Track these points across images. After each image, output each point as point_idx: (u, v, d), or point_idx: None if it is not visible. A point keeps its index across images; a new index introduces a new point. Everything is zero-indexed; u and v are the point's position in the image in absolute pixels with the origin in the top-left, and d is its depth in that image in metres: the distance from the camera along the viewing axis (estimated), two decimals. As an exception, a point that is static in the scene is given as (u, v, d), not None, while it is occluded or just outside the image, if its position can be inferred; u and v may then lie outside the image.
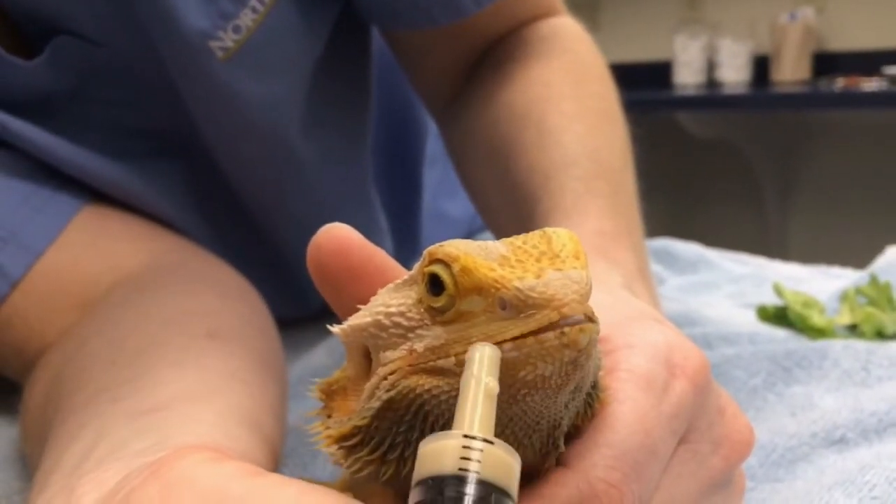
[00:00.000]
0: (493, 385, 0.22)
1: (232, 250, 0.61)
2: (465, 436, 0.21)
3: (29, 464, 0.49)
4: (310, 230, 0.70)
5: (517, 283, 0.23)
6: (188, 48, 0.52)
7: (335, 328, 0.28)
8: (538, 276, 0.23)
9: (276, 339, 0.53)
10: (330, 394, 0.29)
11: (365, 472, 0.26)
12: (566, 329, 0.23)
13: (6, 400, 0.56)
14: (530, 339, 0.23)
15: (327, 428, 0.28)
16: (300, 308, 0.73)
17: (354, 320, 0.27)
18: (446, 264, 0.24)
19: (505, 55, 0.63)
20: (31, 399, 0.48)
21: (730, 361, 0.59)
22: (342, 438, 0.27)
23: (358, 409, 0.27)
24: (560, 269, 0.24)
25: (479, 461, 0.20)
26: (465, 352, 0.24)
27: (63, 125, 0.53)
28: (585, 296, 0.24)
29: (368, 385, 0.26)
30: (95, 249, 0.53)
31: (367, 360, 0.28)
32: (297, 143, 0.62)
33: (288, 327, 0.58)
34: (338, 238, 0.28)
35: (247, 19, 0.53)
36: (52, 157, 0.52)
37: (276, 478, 0.24)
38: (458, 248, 0.25)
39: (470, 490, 0.20)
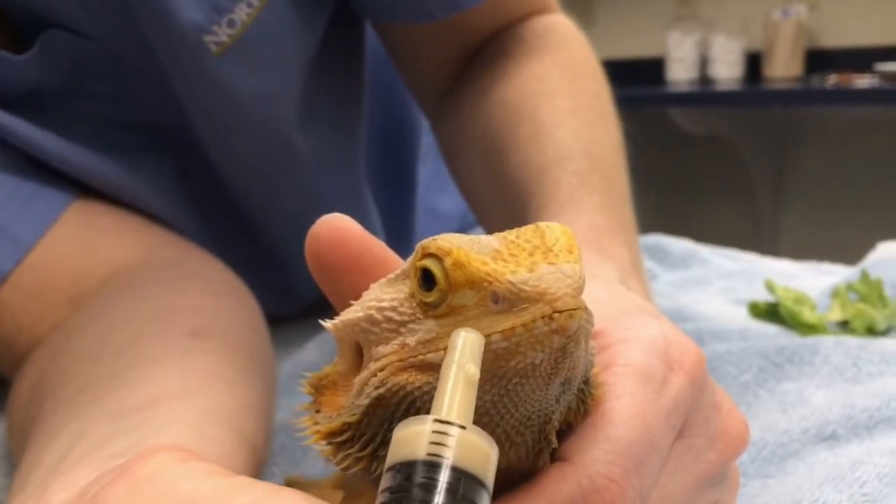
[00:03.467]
0: (474, 371, 0.22)
1: (222, 246, 0.61)
2: (438, 420, 0.20)
3: (14, 461, 0.49)
4: (301, 226, 0.69)
5: (510, 277, 0.23)
6: (182, 42, 0.52)
7: (327, 323, 0.28)
8: (531, 271, 0.23)
9: (265, 337, 0.53)
10: (320, 388, 0.28)
11: (355, 469, 0.26)
12: (555, 315, 0.23)
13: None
14: (519, 328, 0.23)
15: (316, 423, 0.27)
16: (291, 304, 0.73)
17: (346, 315, 0.27)
18: (438, 258, 0.24)
19: (499, 51, 0.63)
20: (18, 396, 0.48)
21: (721, 357, 0.59)
22: (331, 434, 0.26)
23: (347, 405, 0.26)
24: (553, 264, 0.24)
25: (450, 447, 0.19)
26: None
27: (53, 119, 0.53)
28: (578, 290, 0.23)
29: (358, 380, 0.26)
30: (86, 244, 0.52)
31: (358, 355, 0.27)
32: (290, 138, 0.62)
33: (279, 323, 0.58)
34: (337, 228, 0.28)
35: (241, 13, 0.53)
36: (40, 152, 0.52)
37: (241, 479, 0.24)
38: (450, 242, 0.24)
39: (441, 476, 0.19)
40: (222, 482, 0.23)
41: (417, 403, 0.24)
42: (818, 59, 2.67)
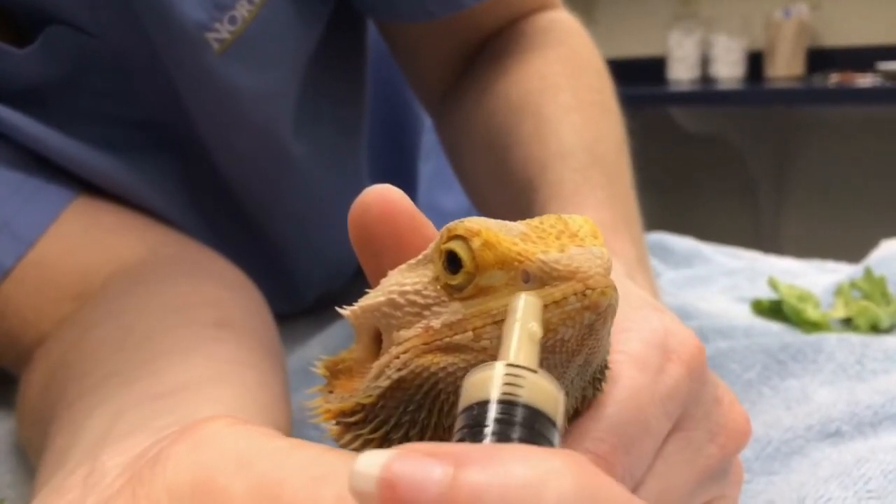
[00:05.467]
0: (537, 329, 0.22)
1: (225, 244, 0.61)
2: (510, 364, 0.20)
3: (27, 449, 0.49)
4: (304, 224, 0.69)
5: (541, 256, 0.23)
6: (184, 39, 0.52)
7: (345, 310, 0.27)
8: (561, 251, 0.23)
9: (276, 331, 0.53)
10: (335, 372, 0.28)
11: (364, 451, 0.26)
12: (587, 291, 0.23)
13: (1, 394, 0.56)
14: (552, 306, 0.23)
15: (327, 402, 0.27)
16: (293, 303, 0.73)
17: (365, 301, 0.27)
18: (465, 239, 0.24)
19: (501, 48, 0.63)
20: (31, 386, 0.48)
21: (725, 355, 0.59)
22: (342, 414, 0.26)
23: (363, 387, 0.26)
24: (581, 246, 0.24)
25: (524, 387, 0.20)
26: (483, 326, 0.24)
27: (55, 115, 0.53)
28: (608, 270, 0.24)
29: (377, 364, 0.26)
30: (90, 240, 0.52)
31: (375, 343, 0.27)
32: (289, 137, 0.62)
33: (281, 321, 0.58)
34: (388, 201, 0.27)
35: (243, 10, 0.53)
36: (42, 148, 0.52)
37: (296, 440, 0.24)
38: (478, 224, 0.24)
39: (517, 412, 0.19)
40: (280, 442, 0.23)
41: (440, 385, 0.24)
42: (820, 59, 2.67)
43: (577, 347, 0.24)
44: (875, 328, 0.65)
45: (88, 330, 0.46)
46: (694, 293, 0.81)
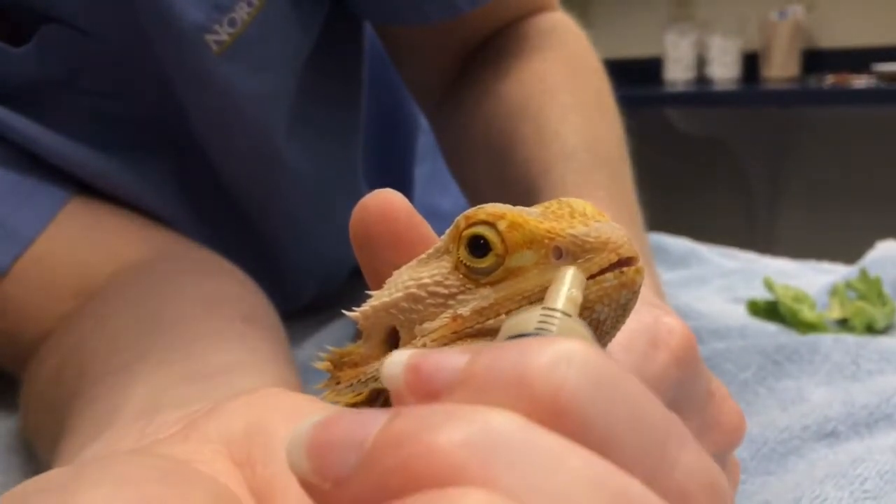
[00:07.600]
0: (578, 294, 0.22)
1: (222, 244, 0.61)
2: (546, 307, 0.20)
3: (34, 437, 0.49)
4: (300, 224, 0.68)
5: (571, 231, 0.23)
6: (183, 41, 0.52)
7: (354, 312, 0.27)
8: (586, 226, 0.24)
9: (285, 332, 0.53)
10: (339, 365, 0.28)
11: None
12: (624, 269, 0.23)
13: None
14: (589, 283, 0.23)
15: (338, 394, 0.27)
16: (289, 302, 0.73)
17: (376, 301, 0.27)
18: (490, 223, 0.24)
19: (500, 50, 0.63)
20: (39, 376, 0.48)
21: (720, 355, 0.59)
22: (356, 406, 0.26)
23: (374, 373, 0.26)
24: (599, 221, 0.24)
25: (555, 325, 0.20)
26: (518, 308, 0.24)
27: (51, 115, 0.53)
28: (631, 241, 0.24)
29: None
30: (89, 239, 0.52)
31: (387, 342, 0.27)
32: (283, 138, 0.62)
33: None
34: (387, 203, 0.28)
35: (242, 12, 0.53)
36: (38, 147, 0.52)
37: (340, 407, 0.26)
38: (500, 207, 0.24)
39: None
40: (325, 406, 0.26)
41: None
42: (815, 60, 2.67)
43: (611, 329, 0.24)
44: (871, 329, 0.65)
45: (106, 318, 0.46)
46: (690, 294, 0.81)
